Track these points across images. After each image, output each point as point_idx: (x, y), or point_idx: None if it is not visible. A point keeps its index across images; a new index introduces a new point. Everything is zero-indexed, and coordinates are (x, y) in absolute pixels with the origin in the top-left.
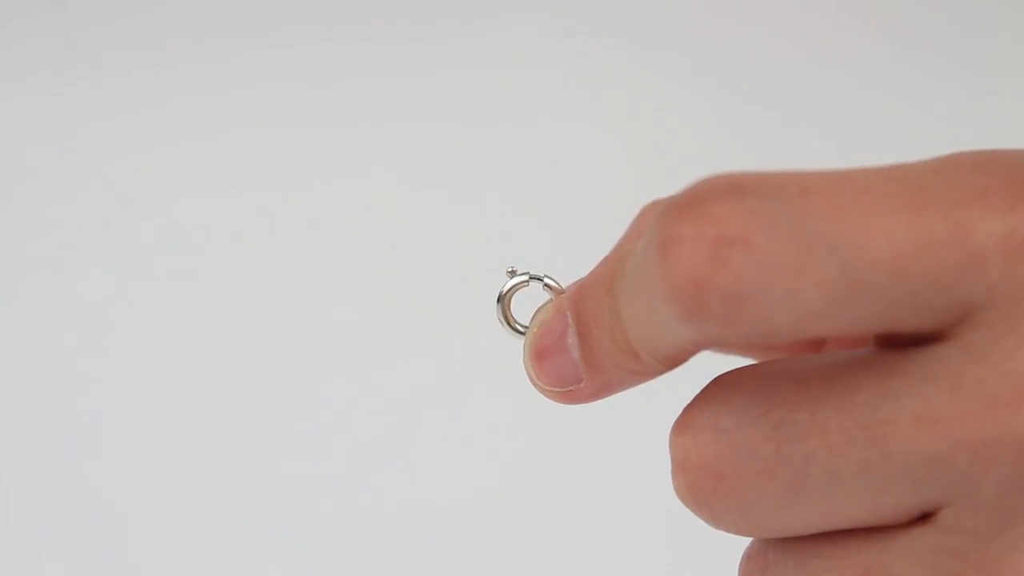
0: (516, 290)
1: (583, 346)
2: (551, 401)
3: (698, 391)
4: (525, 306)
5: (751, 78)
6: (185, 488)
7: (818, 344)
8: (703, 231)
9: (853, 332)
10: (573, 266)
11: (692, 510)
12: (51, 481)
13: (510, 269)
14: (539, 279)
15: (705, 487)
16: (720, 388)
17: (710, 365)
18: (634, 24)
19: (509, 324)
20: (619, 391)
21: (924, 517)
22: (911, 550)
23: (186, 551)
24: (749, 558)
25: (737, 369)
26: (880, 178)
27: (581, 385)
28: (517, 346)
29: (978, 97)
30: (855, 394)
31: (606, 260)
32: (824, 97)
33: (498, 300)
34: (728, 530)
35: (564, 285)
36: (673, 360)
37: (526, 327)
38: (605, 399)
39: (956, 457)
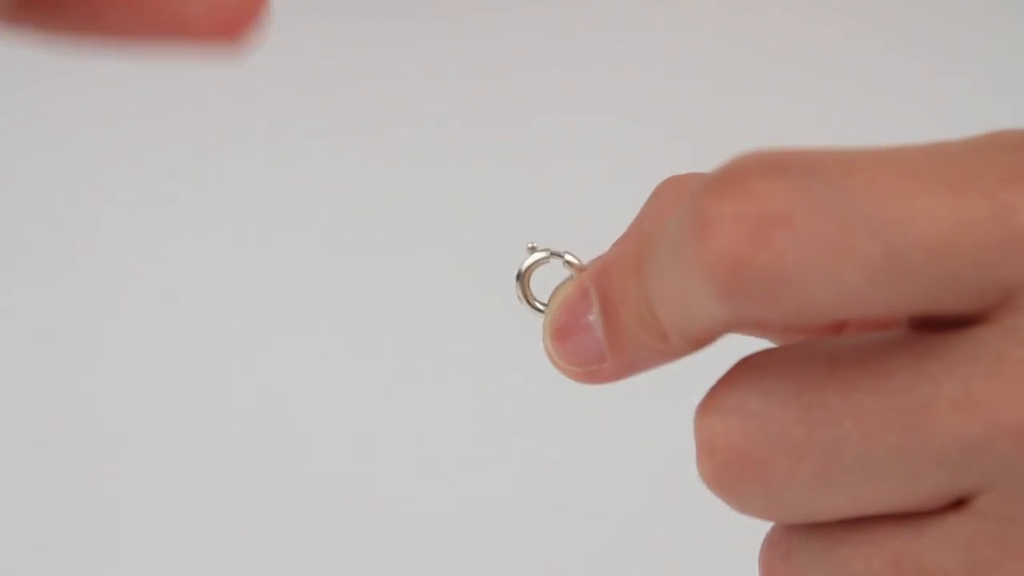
0: (536, 267)
1: (608, 325)
2: (571, 380)
3: (724, 371)
4: (543, 283)
5: (763, 66)
6: (186, 491)
7: (838, 326)
8: (744, 209)
9: (892, 313)
10: (588, 242)
11: (717, 494)
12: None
13: (530, 245)
14: (560, 255)
15: (732, 471)
16: (748, 369)
17: (735, 346)
18: (639, 11)
19: (529, 302)
20: (643, 371)
21: (959, 503)
22: (945, 537)
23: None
24: (772, 544)
25: (765, 350)
26: (922, 156)
27: (604, 365)
28: (536, 323)
29: (988, 98)
30: (891, 377)
31: (630, 236)
32: (839, 95)
33: (518, 277)
34: (754, 515)
35: (585, 262)
36: (701, 340)
37: (546, 304)
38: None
39: (995, 442)
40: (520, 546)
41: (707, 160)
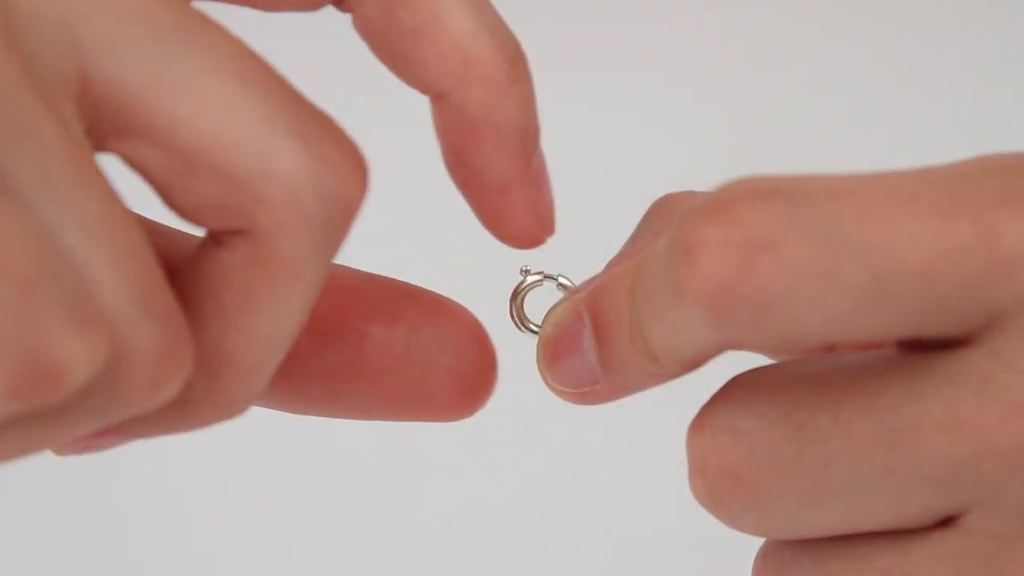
0: (530, 289)
1: (600, 348)
2: (564, 401)
3: (716, 391)
4: (536, 305)
5: (763, 78)
6: (188, 493)
7: (830, 345)
8: (730, 235)
9: (879, 337)
10: (582, 264)
11: (710, 511)
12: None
13: (524, 268)
14: (553, 278)
15: (724, 488)
16: (739, 388)
17: (728, 364)
18: (643, 20)
19: (522, 323)
20: (635, 392)
21: (947, 521)
22: (933, 554)
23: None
24: (764, 557)
25: (756, 369)
26: (908, 182)
27: (596, 386)
28: (530, 345)
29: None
30: (879, 397)
31: (623, 258)
32: (840, 102)
33: (511, 299)
34: (746, 531)
35: (578, 284)
36: (693, 363)
37: (539, 326)
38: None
39: (982, 463)
40: (519, 556)
41: (705, 177)
